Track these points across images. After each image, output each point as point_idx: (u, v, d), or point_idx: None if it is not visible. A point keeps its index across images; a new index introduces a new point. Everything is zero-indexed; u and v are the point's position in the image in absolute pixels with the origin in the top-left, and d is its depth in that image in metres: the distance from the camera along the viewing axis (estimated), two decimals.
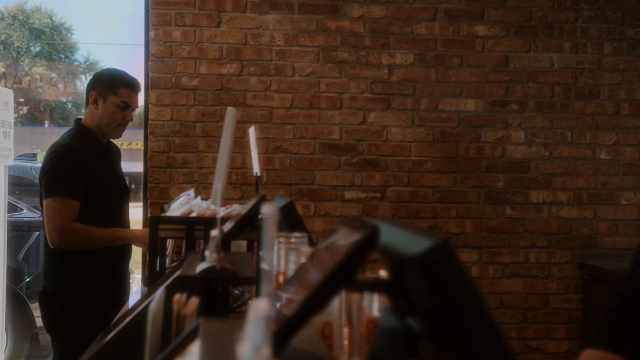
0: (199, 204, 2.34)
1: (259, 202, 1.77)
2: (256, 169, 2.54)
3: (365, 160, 3.54)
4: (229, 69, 3.47)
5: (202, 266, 1.52)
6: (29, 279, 5.15)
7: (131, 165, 12.85)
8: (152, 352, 1.26)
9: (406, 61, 3.55)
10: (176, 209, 2.41)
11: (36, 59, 31.75)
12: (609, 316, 1.29)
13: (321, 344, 1.08)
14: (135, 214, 3.42)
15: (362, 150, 3.53)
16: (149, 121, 3.45)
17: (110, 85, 2.82)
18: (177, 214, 2.32)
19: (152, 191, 3.44)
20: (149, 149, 3.45)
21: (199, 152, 3.46)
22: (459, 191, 3.56)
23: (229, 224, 1.89)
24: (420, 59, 3.55)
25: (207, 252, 1.52)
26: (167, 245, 3.17)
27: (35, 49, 32.51)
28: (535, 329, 3.56)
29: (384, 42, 3.54)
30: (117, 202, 2.90)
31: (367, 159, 3.54)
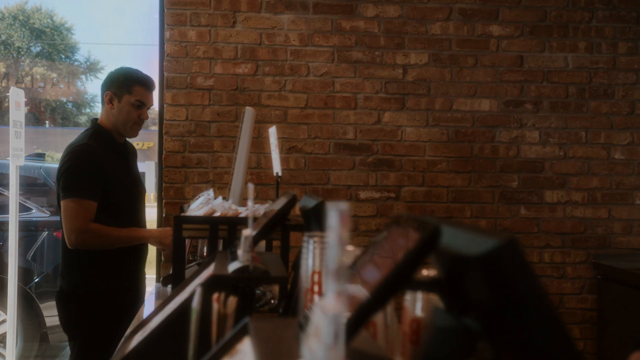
0: (221, 204, 2.34)
1: (289, 202, 1.77)
2: (277, 168, 2.54)
3: (379, 160, 3.54)
4: (243, 69, 3.47)
5: (235, 265, 1.52)
6: (38, 279, 5.15)
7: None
8: (196, 351, 1.26)
9: (421, 61, 3.55)
10: (196, 209, 2.41)
11: (37, 59, 31.74)
12: None
13: (376, 343, 1.08)
14: (148, 213, 3.42)
15: (376, 150, 3.53)
16: (164, 121, 3.45)
17: (124, 84, 2.82)
18: (199, 214, 2.31)
19: (168, 191, 3.44)
20: (164, 149, 3.45)
21: (214, 152, 3.45)
22: (473, 191, 3.56)
23: (258, 223, 1.88)
24: (434, 58, 3.55)
25: (239, 252, 1.52)
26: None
27: (35, 49, 32.49)
28: None
29: (398, 42, 3.54)
30: (134, 202, 2.90)
31: (382, 158, 3.54)
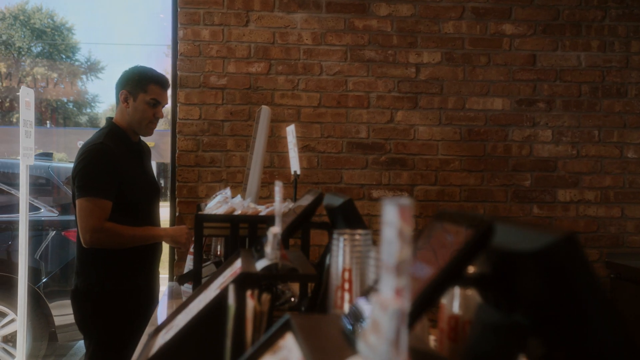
0: (240, 203, 2.34)
1: (316, 200, 1.77)
2: (295, 167, 2.54)
3: (392, 159, 3.54)
4: (257, 67, 3.47)
5: (263, 263, 1.52)
6: (46, 278, 5.15)
7: None
8: (233, 347, 1.26)
9: (433, 60, 3.55)
10: (214, 208, 2.41)
11: (37, 59, 31.73)
12: None
13: (424, 340, 1.08)
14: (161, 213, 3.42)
15: (389, 149, 3.54)
16: (177, 120, 3.45)
17: (139, 83, 2.82)
18: (218, 213, 2.31)
19: (181, 190, 3.44)
20: (177, 148, 3.45)
21: (227, 150, 3.46)
22: (486, 190, 3.56)
23: (283, 221, 1.88)
24: (447, 57, 3.55)
25: (267, 249, 1.52)
26: (192, 243, 3.17)
27: (36, 49, 32.48)
28: None
29: (411, 41, 3.54)
30: (149, 201, 2.90)
31: (395, 157, 3.54)
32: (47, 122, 30.56)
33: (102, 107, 34.83)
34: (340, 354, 0.85)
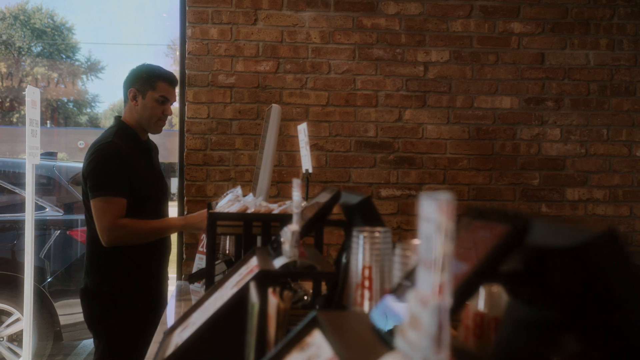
0: (253, 201, 2.33)
1: (334, 197, 1.76)
2: (307, 165, 2.54)
3: (400, 157, 3.53)
4: (265, 66, 3.46)
5: (281, 261, 1.51)
6: (51, 278, 5.15)
7: None
8: (257, 344, 1.25)
9: (442, 58, 3.54)
10: (225, 206, 2.40)
11: (37, 59, 31.73)
12: None
13: (454, 336, 1.08)
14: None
15: (397, 147, 3.53)
16: (185, 119, 3.44)
17: (148, 80, 2.82)
18: (231, 211, 2.30)
19: (189, 189, 3.43)
20: (185, 147, 3.44)
21: (236, 149, 3.45)
22: (494, 189, 3.56)
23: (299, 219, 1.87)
24: (455, 56, 3.55)
25: (285, 247, 1.52)
26: (200, 242, 3.17)
27: (36, 49, 32.48)
28: None
29: (419, 40, 3.53)
30: (158, 199, 2.90)
31: (403, 156, 3.53)
32: (48, 122, 30.55)
33: (102, 107, 34.81)
34: (373, 350, 0.84)
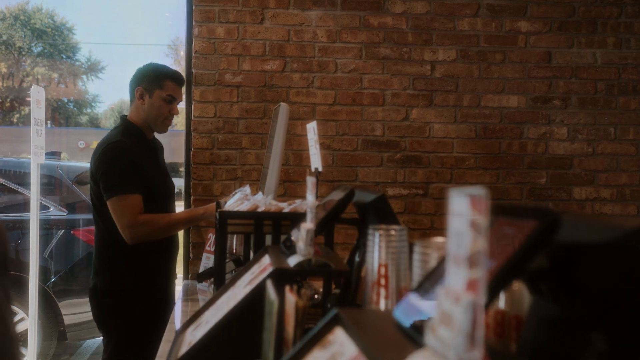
0: (263, 200, 2.32)
1: (347, 196, 1.75)
2: (317, 164, 2.53)
3: (407, 156, 3.53)
4: (272, 65, 3.46)
5: (296, 259, 1.51)
6: (54, 278, 5.14)
7: None
8: (277, 341, 1.25)
9: (449, 57, 3.54)
10: (235, 205, 2.39)
11: (38, 59, 31.72)
12: None
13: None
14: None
15: (404, 146, 3.53)
16: (192, 118, 3.44)
17: (155, 79, 2.82)
18: (242, 210, 2.30)
19: (196, 188, 3.43)
20: (192, 146, 3.44)
21: (242, 148, 3.44)
22: (501, 188, 3.55)
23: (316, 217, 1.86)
24: (462, 55, 3.54)
25: (299, 245, 1.51)
26: (207, 241, 3.16)
27: (37, 49, 32.46)
28: None
29: (426, 39, 3.53)
30: (166, 197, 2.90)
31: (410, 155, 3.53)
32: (48, 122, 30.56)
33: (103, 107, 34.80)
34: (399, 347, 0.84)
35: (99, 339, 5.63)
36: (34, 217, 4.28)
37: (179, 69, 3.21)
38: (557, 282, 0.95)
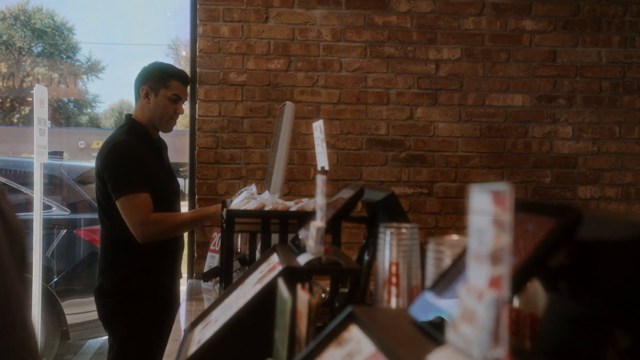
0: (270, 199, 2.32)
1: (357, 194, 1.75)
2: (323, 163, 2.52)
3: (412, 155, 3.52)
4: (276, 64, 3.45)
5: (306, 257, 1.50)
6: (57, 278, 5.14)
7: None
8: (290, 340, 1.24)
9: (453, 56, 3.53)
10: (241, 204, 2.39)
11: (38, 59, 31.71)
12: None
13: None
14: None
15: (409, 145, 3.52)
16: (196, 117, 3.43)
17: (161, 78, 2.81)
18: (249, 208, 2.29)
19: (200, 187, 3.42)
20: (196, 145, 3.43)
21: (247, 147, 3.44)
22: None
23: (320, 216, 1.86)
24: (467, 54, 3.54)
25: (310, 243, 1.51)
26: (212, 240, 3.15)
27: (37, 49, 32.45)
28: None
29: (431, 37, 3.52)
30: (171, 196, 2.89)
31: (414, 154, 3.52)
32: (49, 122, 30.52)
33: (103, 107, 34.80)
34: (418, 345, 0.83)
35: (102, 338, 5.62)
36: (37, 217, 4.28)
37: (180, 68, 3.20)
38: (577, 279, 0.94)
